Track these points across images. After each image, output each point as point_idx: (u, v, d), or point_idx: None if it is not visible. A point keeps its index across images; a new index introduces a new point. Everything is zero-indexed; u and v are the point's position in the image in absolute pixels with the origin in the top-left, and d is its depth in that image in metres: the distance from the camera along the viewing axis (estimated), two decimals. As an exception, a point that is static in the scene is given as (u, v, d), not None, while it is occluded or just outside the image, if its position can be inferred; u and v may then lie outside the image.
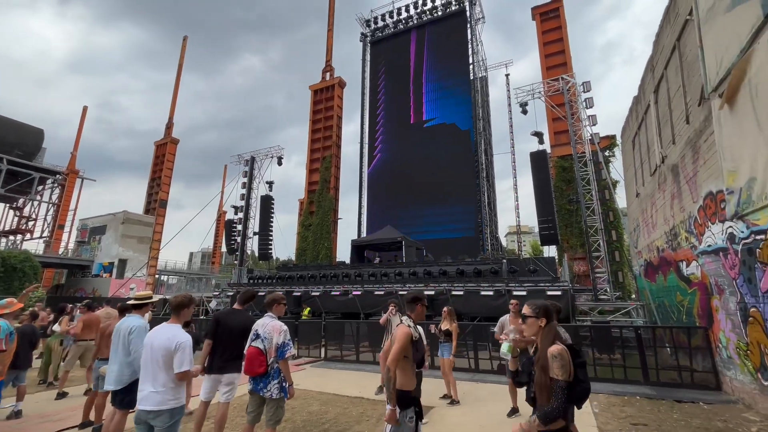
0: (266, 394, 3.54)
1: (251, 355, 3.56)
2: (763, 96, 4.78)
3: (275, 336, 3.62)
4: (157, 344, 3.01)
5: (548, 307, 2.43)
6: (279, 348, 3.59)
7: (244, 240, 26.00)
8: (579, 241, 20.17)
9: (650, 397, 6.58)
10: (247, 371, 3.57)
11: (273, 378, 3.57)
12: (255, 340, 3.65)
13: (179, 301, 3.26)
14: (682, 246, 8.32)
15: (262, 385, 3.57)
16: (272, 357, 3.59)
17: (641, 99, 11.20)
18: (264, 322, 3.75)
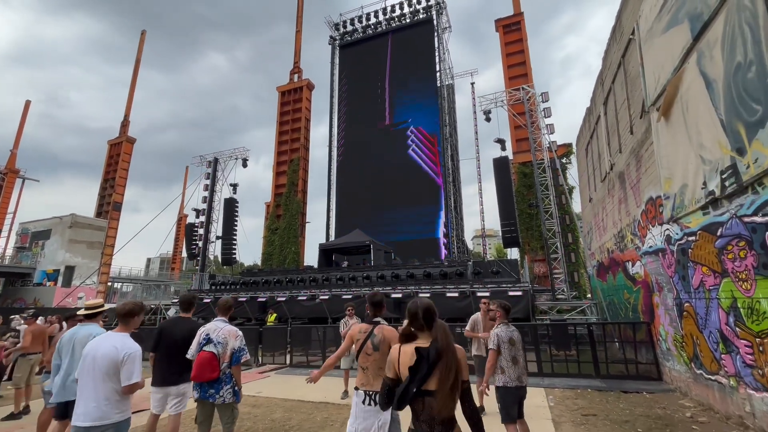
0: (218, 401, 3.48)
1: (204, 360, 3.44)
2: (692, 111, 5.29)
3: (231, 340, 3.58)
4: (101, 354, 2.78)
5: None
6: (235, 353, 3.56)
7: (206, 244, 25.00)
8: (539, 244, 21.14)
9: (600, 389, 7.01)
10: (197, 377, 3.44)
11: (225, 383, 3.52)
12: (206, 345, 3.55)
13: (128, 308, 3.08)
14: (628, 247, 8.96)
15: (213, 392, 3.48)
16: (225, 362, 3.54)
17: (593, 110, 11.99)
18: (216, 326, 3.67)
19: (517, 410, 3.75)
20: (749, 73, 4.04)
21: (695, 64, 5.13)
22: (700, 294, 5.56)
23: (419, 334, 2.04)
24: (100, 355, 2.79)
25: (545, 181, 17.97)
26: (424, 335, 2.01)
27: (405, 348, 1.99)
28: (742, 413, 4.76)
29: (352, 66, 32.78)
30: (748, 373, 4.55)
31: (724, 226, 4.79)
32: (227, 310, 3.90)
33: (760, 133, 3.90)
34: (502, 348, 3.77)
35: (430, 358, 1.85)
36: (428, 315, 2.02)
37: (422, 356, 1.86)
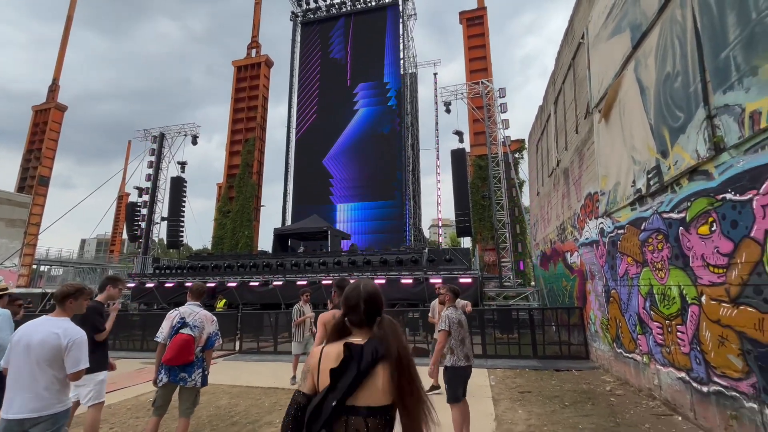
0: (189, 384, 3.47)
1: (183, 342, 3.40)
2: (628, 115, 5.76)
3: (208, 325, 3.64)
4: (38, 341, 2.55)
5: None
6: (210, 337, 3.64)
7: (149, 226, 23.34)
8: (490, 234, 22.19)
9: (537, 369, 7.60)
10: (174, 360, 3.38)
11: (197, 367, 3.54)
12: (183, 328, 3.50)
13: (65, 291, 2.83)
14: (568, 239, 9.68)
15: (184, 375, 3.46)
16: (200, 346, 3.56)
17: (545, 108, 12.63)
18: (191, 310, 3.66)
19: (463, 390, 3.93)
20: (676, 83, 4.45)
21: (633, 71, 5.56)
22: (624, 282, 6.17)
23: (355, 330, 1.46)
24: (36, 342, 2.55)
25: (498, 174, 18.78)
26: (361, 333, 1.45)
27: (329, 349, 1.40)
28: (652, 386, 5.41)
29: (313, 45, 31.66)
30: (658, 351, 5.16)
31: (647, 221, 5.32)
32: (200, 295, 3.89)
33: (681, 138, 4.35)
34: (452, 329, 3.91)
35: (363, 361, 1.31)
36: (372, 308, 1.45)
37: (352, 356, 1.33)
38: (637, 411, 5.00)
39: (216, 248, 29.00)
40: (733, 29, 3.43)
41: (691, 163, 4.16)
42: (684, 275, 4.47)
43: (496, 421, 4.71)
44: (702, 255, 4.10)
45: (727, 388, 3.85)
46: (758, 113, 3.19)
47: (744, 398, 3.61)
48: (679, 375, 4.69)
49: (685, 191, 4.38)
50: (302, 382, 1.41)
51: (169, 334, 3.49)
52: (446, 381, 3.96)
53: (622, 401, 5.42)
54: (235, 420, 4.91)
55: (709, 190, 3.97)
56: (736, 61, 3.41)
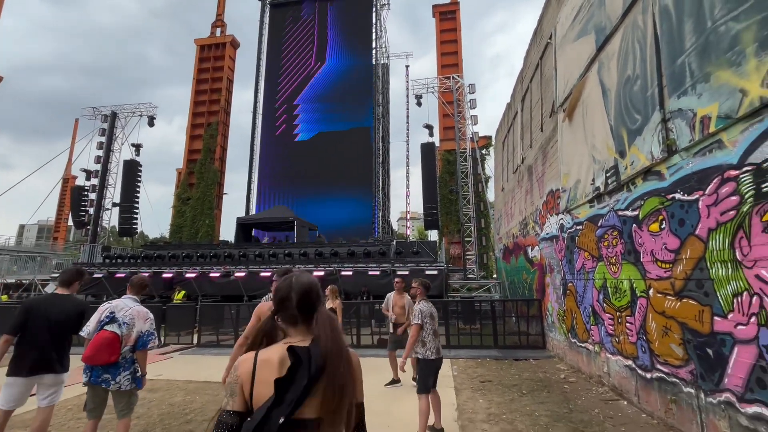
0: (113, 387, 3.12)
1: (104, 341, 3.04)
2: (590, 115, 5.98)
3: (139, 323, 3.26)
4: None
5: None
6: (142, 336, 3.24)
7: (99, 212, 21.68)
8: (456, 227, 22.67)
9: (497, 358, 7.87)
10: (92, 359, 3.03)
11: (124, 369, 3.18)
12: (109, 324, 3.14)
13: None
14: (530, 233, 10.04)
15: (108, 377, 3.11)
16: (128, 345, 3.19)
17: (512, 106, 12.94)
18: (123, 304, 3.29)
19: (434, 381, 3.99)
20: (635, 86, 4.66)
21: (596, 72, 5.76)
22: (580, 275, 6.47)
23: (290, 330, 1.26)
24: None
25: (466, 169, 19.14)
26: (298, 332, 1.24)
27: (267, 355, 1.18)
28: (601, 373, 5.74)
29: (283, 28, 30.47)
30: (609, 340, 5.48)
31: (603, 218, 5.59)
32: (141, 288, 3.51)
33: (638, 139, 4.56)
34: (425, 323, 3.94)
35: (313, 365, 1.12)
36: (307, 301, 1.25)
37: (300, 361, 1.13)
38: (588, 397, 5.29)
39: (174, 237, 27.54)
40: (690, 36, 3.61)
41: (646, 163, 4.38)
42: (635, 270, 4.73)
43: (457, 411, 4.80)
44: (652, 251, 4.36)
45: (668, 374, 4.14)
46: (708, 118, 3.38)
47: (683, 384, 3.90)
48: (626, 363, 5.00)
49: (639, 190, 4.61)
50: (230, 399, 1.16)
51: (95, 329, 3.15)
52: (419, 372, 4.04)
53: (574, 388, 5.72)
54: (190, 418, 4.66)
55: (660, 190, 4.20)
56: (690, 67, 3.59)
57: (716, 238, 3.37)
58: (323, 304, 1.30)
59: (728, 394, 3.27)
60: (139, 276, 3.59)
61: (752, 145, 2.96)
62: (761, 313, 2.93)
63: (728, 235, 3.24)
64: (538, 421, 4.42)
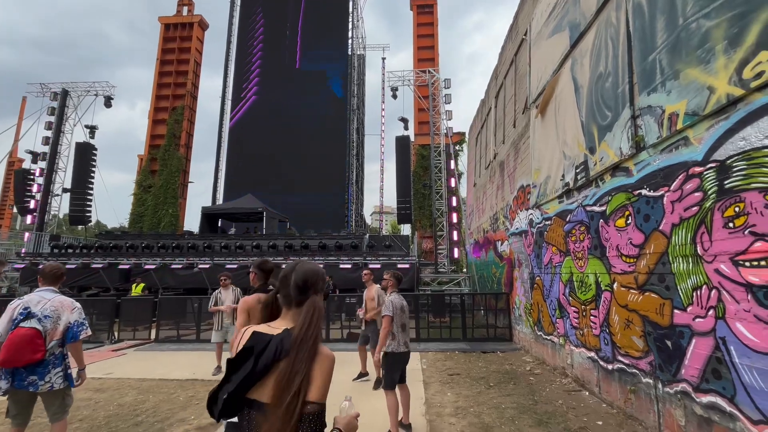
0: (43, 388, 2.80)
1: (23, 338, 2.70)
2: (563, 112, 6.04)
3: (66, 314, 2.95)
4: None
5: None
6: (71, 327, 2.94)
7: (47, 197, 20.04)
8: (428, 222, 22.81)
9: (465, 351, 7.93)
10: (11, 361, 2.68)
11: (54, 366, 2.87)
12: (26, 320, 2.79)
13: None
14: (500, 228, 10.18)
15: (34, 378, 2.77)
16: (55, 340, 2.87)
17: (486, 102, 13.04)
18: (39, 297, 2.93)
19: (400, 375, 3.90)
20: (606, 83, 4.71)
21: (569, 69, 5.81)
22: (548, 270, 6.59)
23: (284, 311, 1.34)
24: None
25: (440, 164, 19.22)
26: (288, 315, 1.32)
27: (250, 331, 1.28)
28: (565, 365, 5.88)
29: (256, 11, 29.24)
30: (573, 333, 5.60)
31: (572, 213, 5.68)
32: (57, 279, 3.11)
33: (608, 135, 4.63)
34: (395, 315, 3.83)
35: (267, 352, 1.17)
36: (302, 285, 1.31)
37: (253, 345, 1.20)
38: (552, 388, 5.40)
39: (134, 226, 26.01)
40: (662, 33, 3.64)
41: (615, 159, 4.45)
42: (600, 264, 4.83)
43: (425, 405, 4.75)
44: (617, 246, 4.45)
45: (628, 365, 4.26)
46: (676, 115, 3.44)
47: (642, 374, 4.01)
48: (589, 354, 5.12)
49: (607, 186, 4.69)
50: None
51: (7, 329, 2.79)
52: (385, 366, 3.90)
53: (539, 380, 5.82)
54: (141, 420, 4.32)
55: (627, 186, 4.27)
56: (661, 64, 3.64)
57: (679, 233, 3.45)
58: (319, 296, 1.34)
59: (685, 384, 3.38)
60: (51, 264, 3.16)
61: (717, 141, 3.02)
62: (719, 306, 3.01)
63: (690, 231, 3.31)
64: (505, 413, 4.44)
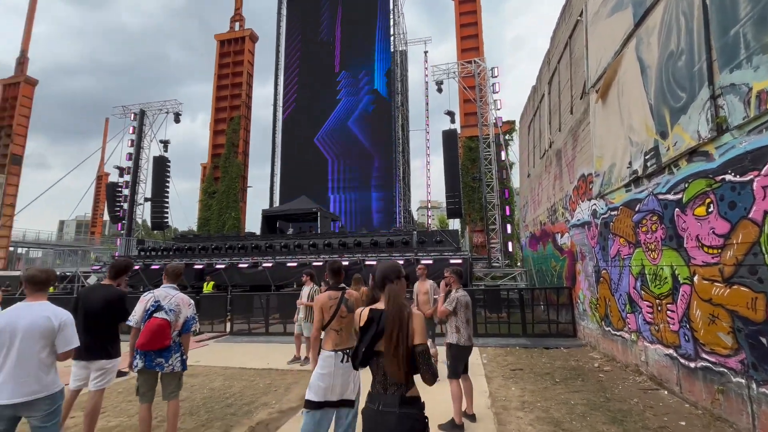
0: (166, 369, 3.37)
1: (157, 327, 3.25)
2: (627, 94, 5.69)
3: (184, 308, 3.50)
4: (26, 326, 2.52)
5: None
6: (187, 321, 3.51)
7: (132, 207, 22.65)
8: (478, 215, 22.33)
9: (526, 347, 7.78)
10: (147, 345, 3.24)
11: (175, 351, 3.44)
12: (157, 312, 3.35)
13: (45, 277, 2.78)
14: (559, 220, 9.77)
15: (161, 360, 3.34)
16: (176, 330, 3.44)
17: (538, 89, 12.50)
18: (167, 293, 3.49)
19: (464, 367, 4.05)
20: (679, 62, 4.38)
21: (634, 49, 5.46)
22: (615, 262, 6.26)
23: (380, 295, 2.03)
24: (24, 326, 2.51)
25: (489, 155, 18.72)
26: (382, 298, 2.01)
27: (364, 310, 2.02)
28: (638, 362, 5.58)
29: (301, 20, 30.41)
30: (647, 329, 5.30)
31: (642, 202, 5.35)
32: (176, 277, 3.67)
33: (682, 118, 4.31)
34: (459, 310, 4.00)
35: (381, 321, 1.87)
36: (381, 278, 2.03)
37: (372, 318, 1.91)
38: (625, 386, 5.17)
39: (202, 230, 28.48)
40: (745, 5, 3.34)
41: (692, 144, 4.14)
42: (677, 256, 4.53)
43: (490, 398, 4.80)
44: (697, 236, 4.15)
45: (715, 364, 3.97)
46: (766, 93, 3.14)
47: (732, 374, 3.73)
48: (667, 351, 4.83)
49: (683, 173, 4.38)
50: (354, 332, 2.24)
51: (143, 317, 3.35)
52: (449, 357, 4.09)
53: (610, 377, 5.59)
54: (230, 402, 4.86)
55: (708, 171, 3.97)
56: (745, 38, 3.34)
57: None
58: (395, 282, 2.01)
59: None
60: (173, 264, 3.73)
61: (818, 119, 2.74)
62: (825, 300, 2.74)
63: (787, 218, 3.03)
64: (575, 409, 4.36)
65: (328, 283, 3.25)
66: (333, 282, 3.16)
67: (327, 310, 2.93)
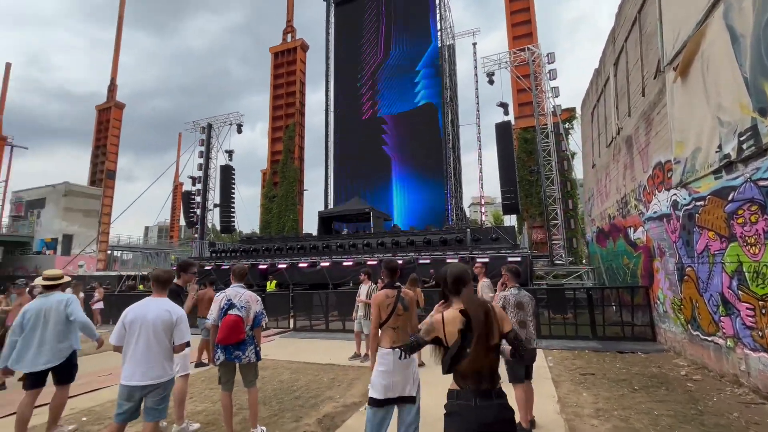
0: (244, 360, 3.67)
1: (232, 323, 3.57)
2: (713, 69, 5.04)
3: (253, 305, 3.80)
4: (152, 318, 2.98)
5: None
6: (257, 316, 3.80)
7: (204, 212, 24.88)
8: (537, 210, 21.17)
9: (597, 350, 7.23)
10: (225, 340, 3.57)
11: (249, 344, 3.72)
12: (231, 309, 3.68)
13: (167, 276, 3.30)
14: (631, 213, 8.93)
15: (239, 353, 3.64)
16: (248, 325, 3.72)
17: (601, 72, 11.53)
18: (237, 292, 3.81)
19: (525, 371, 3.82)
20: (782, 26, 3.78)
21: (721, 17, 4.81)
22: (703, 259, 5.57)
23: (453, 298, 2.09)
24: (151, 320, 2.97)
25: (547, 146, 17.67)
26: (457, 301, 2.05)
27: (448, 313, 2.02)
28: (737, 372, 4.92)
29: (348, 24, 31.14)
30: (747, 334, 4.65)
31: (736, 190, 4.70)
32: (242, 277, 4.01)
33: (788, 91, 3.72)
34: (507, 310, 3.76)
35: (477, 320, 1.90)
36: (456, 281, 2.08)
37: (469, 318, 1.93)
38: (721, 398, 4.58)
39: (264, 232, 30.41)
40: None
41: (802, 120, 3.55)
42: (785, 250, 3.91)
43: (559, 403, 4.54)
44: (812, 227, 3.55)
45: (841, 377, 3.38)
46: None
47: None
48: (775, 361, 4.20)
49: (791, 154, 3.77)
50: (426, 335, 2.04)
51: (219, 315, 3.67)
52: (506, 362, 3.86)
53: (701, 387, 4.99)
54: (298, 395, 5.14)
55: (825, 151, 3.38)
56: None
57: None
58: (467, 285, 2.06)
59: None
60: (239, 266, 4.10)
61: None
62: None
63: None
64: (659, 421, 3.96)
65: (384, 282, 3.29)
66: (389, 280, 3.21)
67: (384, 308, 2.98)
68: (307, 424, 4.13)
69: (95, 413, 4.61)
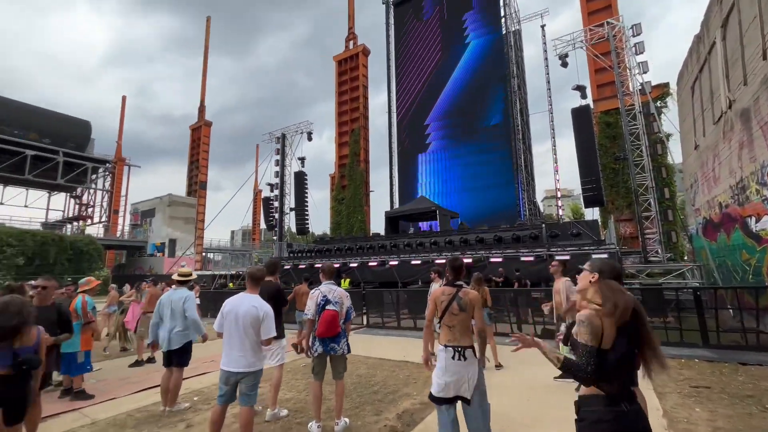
0: (338, 352, 3.92)
1: (331, 318, 3.83)
2: None
3: (345, 300, 4.04)
4: (243, 312, 3.32)
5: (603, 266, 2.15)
6: (348, 311, 4.06)
7: (281, 216, 26.88)
8: (625, 202, 18.99)
9: (711, 360, 6.25)
10: (325, 333, 3.83)
11: (343, 337, 3.98)
12: (327, 305, 3.92)
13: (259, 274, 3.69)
14: (752, 200, 7.55)
15: (334, 345, 3.90)
16: (342, 319, 3.99)
17: (704, 37, 9.93)
18: (330, 288, 4.04)
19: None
20: None
21: None
22: None
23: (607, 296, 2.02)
24: (242, 314, 3.31)
25: (636, 129, 15.73)
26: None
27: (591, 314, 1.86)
28: None
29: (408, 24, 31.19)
30: None
31: None
32: (332, 274, 4.25)
33: None
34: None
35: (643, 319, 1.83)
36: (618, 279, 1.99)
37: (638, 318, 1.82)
38: None
39: (334, 233, 31.88)
40: None
41: None
42: None
43: (666, 418, 4.02)
44: None
45: None
46: None
47: None
48: None
49: None
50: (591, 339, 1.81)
51: (316, 311, 3.92)
52: None
53: None
54: (376, 390, 5.28)
55: None
56: None
57: None
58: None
59: None
60: (328, 264, 4.41)
61: None
62: None
63: None
64: (805, 448, 3.29)
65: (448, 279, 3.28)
66: (452, 278, 3.21)
67: (438, 304, 3.05)
68: (387, 418, 4.23)
69: (204, 394, 5.26)
